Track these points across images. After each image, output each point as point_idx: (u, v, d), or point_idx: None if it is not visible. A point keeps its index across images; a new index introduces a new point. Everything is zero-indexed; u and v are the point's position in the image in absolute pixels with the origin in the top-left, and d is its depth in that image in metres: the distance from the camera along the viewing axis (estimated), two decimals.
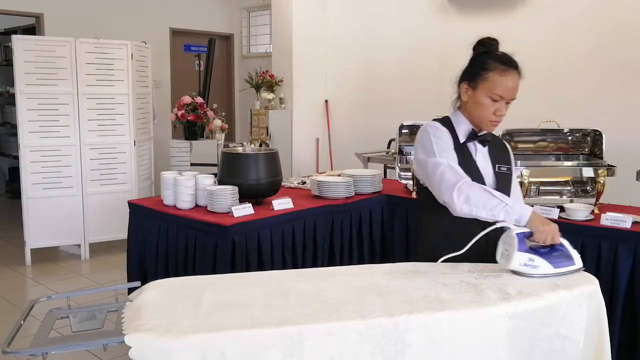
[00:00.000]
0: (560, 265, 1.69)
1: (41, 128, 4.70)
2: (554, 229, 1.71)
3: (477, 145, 1.97)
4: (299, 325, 1.35)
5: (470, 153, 1.96)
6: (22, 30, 7.01)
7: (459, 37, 5.63)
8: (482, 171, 1.95)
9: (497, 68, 1.88)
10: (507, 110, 1.91)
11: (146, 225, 3.14)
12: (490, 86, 1.87)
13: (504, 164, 2.02)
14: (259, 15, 8.01)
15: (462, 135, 1.96)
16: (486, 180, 1.94)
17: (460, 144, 1.94)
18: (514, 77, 1.88)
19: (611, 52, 4.71)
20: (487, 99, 1.88)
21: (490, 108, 1.88)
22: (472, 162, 1.94)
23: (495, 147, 2.04)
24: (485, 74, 1.88)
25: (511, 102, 1.90)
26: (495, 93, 1.86)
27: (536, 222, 1.72)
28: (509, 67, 1.88)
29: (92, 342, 1.40)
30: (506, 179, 2.01)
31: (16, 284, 4.43)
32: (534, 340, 1.51)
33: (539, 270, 1.68)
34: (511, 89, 1.87)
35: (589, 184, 3.20)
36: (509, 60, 1.91)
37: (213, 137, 5.74)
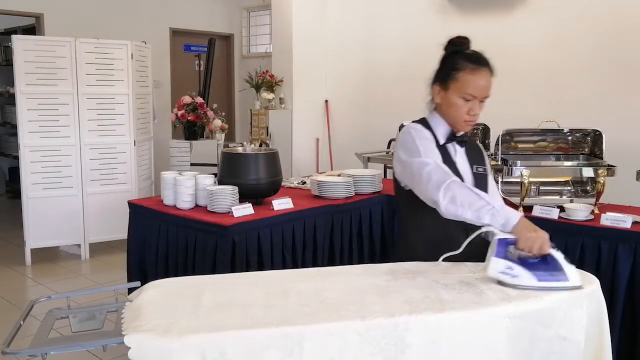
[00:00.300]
0: (546, 279, 1.54)
1: (41, 128, 4.71)
2: (541, 237, 1.58)
3: (455, 146, 1.97)
4: (299, 326, 1.35)
5: (450, 154, 1.95)
6: (22, 30, 7.01)
7: None
8: (462, 172, 1.94)
9: (467, 67, 1.86)
10: (481, 109, 1.89)
11: (146, 225, 3.14)
12: (461, 86, 1.85)
13: (480, 164, 2.01)
14: (259, 15, 8.01)
15: (441, 137, 1.94)
16: (466, 181, 1.93)
17: (440, 146, 1.93)
18: (485, 75, 1.86)
19: (611, 52, 4.70)
20: (460, 99, 1.86)
21: (464, 108, 1.87)
22: (452, 164, 1.92)
23: (471, 148, 2.04)
24: (456, 74, 1.86)
25: (485, 100, 1.88)
26: (467, 92, 1.85)
27: (522, 228, 1.61)
28: (479, 65, 1.86)
29: (92, 343, 1.40)
30: (483, 179, 2.00)
31: (16, 284, 4.43)
32: (533, 341, 1.50)
33: (519, 280, 1.56)
34: (483, 87, 1.85)
35: (589, 184, 3.20)
36: (479, 59, 1.89)
37: (213, 137, 5.74)
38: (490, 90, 1.87)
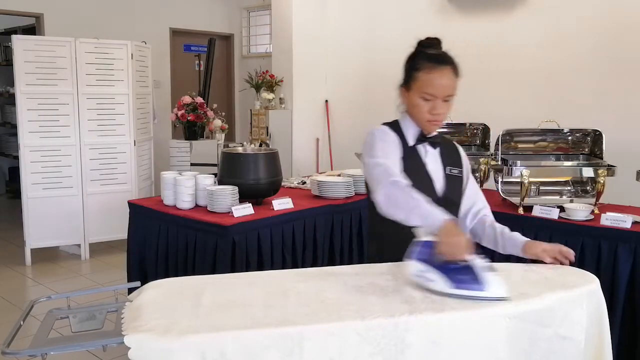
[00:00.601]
0: (461, 287, 1.48)
1: (41, 128, 4.71)
2: (458, 244, 1.52)
3: (427, 147, 1.93)
4: (299, 326, 1.35)
5: (420, 156, 1.92)
6: (22, 30, 7.01)
7: (459, 37, 5.62)
8: (433, 174, 1.92)
9: (425, 67, 1.83)
10: (446, 109, 1.85)
11: (146, 225, 3.14)
12: (420, 86, 1.83)
13: (455, 166, 1.98)
14: (259, 15, 8.01)
15: (410, 138, 1.92)
16: (436, 183, 1.91)
17: (410, 147, 1.91)
18: (444, 73, 1.81)
19: (611, 52, 4.70)
20: (420, 99, 1.84)
21: (425, 108, 1.84)
22: (421, 165, 1.91)
23: (446, 149, 2.00)
24: (416, 74, 1.84)
25: (450, 99, 1.84)
26: (426, 92, 1.82)
27: (442, 232, 1.56)
28: (437, 64, 1.83)
29: (92, 343, 1.40)
30: (457, 181, 1.97)
31: (16, 284, 4.43)
32: (533, 341, 1.50)
33: (433, 285, 1.52)
34: (441, 86, 1.81)
35: (589, 184, 3.20)
36: (438, 57, 1.85)
37: (213, 137, 5.74)
38: (452, 89, 1.82)
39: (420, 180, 1.86)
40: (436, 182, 1.91)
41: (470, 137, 3.70)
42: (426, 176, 1.90)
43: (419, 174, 1.88)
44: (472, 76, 5.80)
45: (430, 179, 1.90)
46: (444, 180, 1.93)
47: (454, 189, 1.95)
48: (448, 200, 1.90)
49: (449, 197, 1.92)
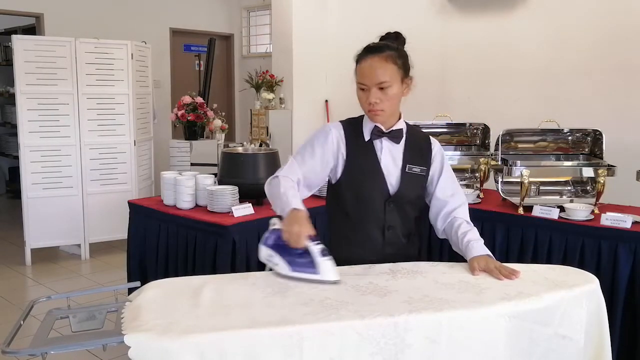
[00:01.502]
0: (298, 270, 1.64)
1: (41, 128, 4.71)
2: (297, 232, 1.61)
3: (384, 142, 1.91)
4: (299, 325, 1.35)
5: (375, 151, 1.90)
6: (22, 30, 7.01)
7: (459, 37, 5.63)
8: (386, 169, 1.89)
9: (359, 58, 1.85)
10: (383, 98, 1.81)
11: (146, 225, 3.14)
12: (357, 77, 1.86)
13: (419, 164, 1.93)
14: (259, 15, 8.01)
15: (367, 133, 1.91)
16: (389, 179, 1.89)
17: (366, 142, 1.90)
18: (371, 61, 1.81)
19: (611, 52, 4.70)
20: (359, 90, 1.86)
21: (363, 98, 1.85)
22: (374, 161, 1.89)
23: (413, 146, 1.95)
24: (355, 67, 1.86)
25: (385, 87, 1.81)
26: (359, 82, 1.84)
27: (286, 221, 1.66)
28: (366, 53, 1.84)
29: (92, 342, 1.40)
30: (416, 179, 1.93)
31: (16, 284, 4.43)
32: (533, 340, 1.51)
33: (278, 268, 1.68)
34: (367, 74, 1.81)
35: (589, 184, 3.20)
36: (370, 47, 1.85)
37: (213, 137, 5.74)
38: (384, 76, 1.80)
39: (372, 176, 1.88)
40: (390, 179, 1.89)
41: (470, 137, 3.70)
42: (378, 173, 1.89)
43: (371, 170, 1.88)
44: (472, 76, 5.85)
45: (382, 176, 1.89)
46: (399, 178, 1.90)
47: (411, 187, 1.91)
48: (401, 198, 1.89)
49: (404, 195, 1.90)
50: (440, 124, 3.70)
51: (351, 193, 1.90)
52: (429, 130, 3.68)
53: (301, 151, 1.92)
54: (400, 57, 1.85)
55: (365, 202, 1.89)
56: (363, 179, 1.88)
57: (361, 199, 1.89)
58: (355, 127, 1.94)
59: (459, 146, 3.71)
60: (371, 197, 1.89)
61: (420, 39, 5.99)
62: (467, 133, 3.71)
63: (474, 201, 3.23)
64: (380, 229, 1.90)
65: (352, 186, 1.90)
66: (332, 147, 1.89)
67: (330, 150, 1.89)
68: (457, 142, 3.72)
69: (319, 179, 1.93)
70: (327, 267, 1.62)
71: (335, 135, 1.91)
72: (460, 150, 3.69)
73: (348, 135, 1.91)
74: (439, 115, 3.71)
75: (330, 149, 1.89)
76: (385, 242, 1.90)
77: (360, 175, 1.88)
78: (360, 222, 1.91)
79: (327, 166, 1.90)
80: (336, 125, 1.94)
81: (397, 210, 1.90)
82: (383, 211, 1.89)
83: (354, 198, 1.90)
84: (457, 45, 5.59)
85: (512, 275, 1.68)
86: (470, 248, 1.82)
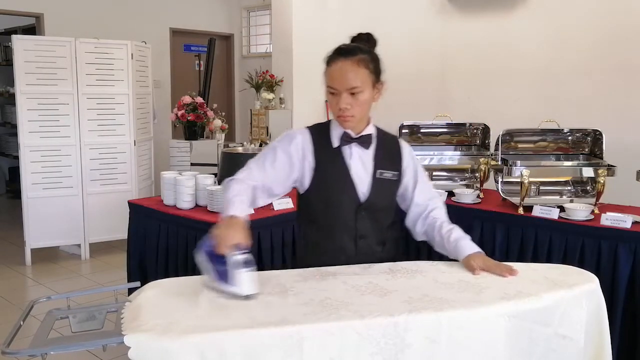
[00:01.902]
0: (219, 280, 1.53)
1: (41, 128, 4.71)
2: (223, 238, 1.51)
3: (354, 148, 1.83)
4: (299, 325, 1.35)
5: (343, 157, 1.82)
6: (22, 30, 7.01)
7: (459, 37, 5.63)
8: (356, 176, 1.81)
9: (329, 60, 1.77)
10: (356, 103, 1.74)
11: (146, 225, 3.14)
12: (326, 80, 1.78)
13: (390, 169, 1.86)
14: (259, 15, 8.01)
15: (335, 139, 1.83)
16: (360, 186, 1.81)
17: (334, 149, 1.82)
18: (340, 64, 1.73)
19: (611, 52, 4.70)
20: (329, 94, 1.77)
21: (333, 103, 1.77)
22: (343, 168, 1.81)
23: (384, 151, 1.88)
24: (325, 70, 1.79)
25: (356, 92, 1.73)
26: (329, 85, 1.76)
27: (216, 226, 1.56)
28: (337, 55, 1.76)
29: (92, 343, 1.40)
30: (388, 185, 1.86)
31: (16, 284, 4.43)
32: (533, 340, 1.51)
33: (207, 277, 1.57)
34: (337, 78, 1.73)
35: (589, 184, 3.20)
36: (341, 49, 1.77)
37: (213, 137, 5.74)
38: (355, 81, 1.72)
39: (342, 184, 1.80)
40: (360, 186, 1.81)
41: (470, 137, 3.70)
42: (348, 180, 1.81)
43: (341, 178, 1.81)
44: (472, 76, 5.85)
45: (352, 182, 1.81)
46: (370, 184, 1.82)
47: (383, 194, 1.85)
48: (373, 205, 1.82)
49: (375, 202, 1.83)
50: (440, 124, 3.70)
51: (320, 202, 1.82)
52: (429, 130, 3.70)
53: (263, 156, 1.83)
54: (373, 61, 1.78)
55: (335, 211, 1.81)
56: (332, 187, 1.80)
57: (331, 207, 1.81)
58: (322, 133, 1.85)
59: (459, 146, 3.71)
60: (341, 206, 1.81)
61: (420, 39, 6.02)
62: (467, 133, 3.71)
63: (473, 201, 3.23)
64: (352, 239, 1.82)
65: (321, 195, 1.82)
66: (297, 155, 1.80)
67: (294, 158, 1.80)
68: (457, 142, 3.72)
69: (280, 187, 1.84)
70: (242, 279, 1.49)
71: (301, 141, 1.82)
72: (460, 150, 3.69)
73: (315, 141, 1.83)
74: (439, 115, 3.71)
75: (294, 156, 1.80)
76: (358, 251, 1.83)
77: (329, 183, 1.80)
78: (331, 232, 1.83)
79: (290, 175, 1.81)
80: (302, 132, 1.85)
81: (369, 218, 1.83)
82: (354, 220, 1.81)
83: (324, 207, 1.82)
84: (457, 45, 5.58)
85: (511, 273, 1.67)
86: (461, 247, 1.79)
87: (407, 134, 3.66)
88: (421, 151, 3.49)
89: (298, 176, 1.82)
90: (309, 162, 1.81)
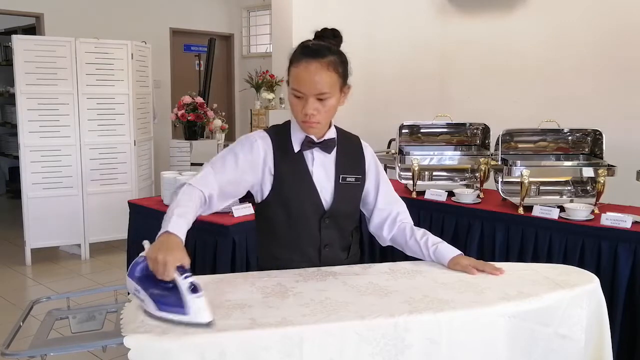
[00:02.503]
0: (166, 309, 1.32)
1: (41, 128, 4.71)
2: (162, 261, 1.31)
3: (315, 153, 1.72)
4: (298, 326, 1.35)
5: (305, 163, 1.72)
6: (22, 30, 7.01)
7: (459, 37, 5.63)
8: (319, 184, 1.72)
9: (295, 61, 1.62)
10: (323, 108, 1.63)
11: (146, 225, 3.13)
12: (291, 81, 1.63)
13: (353, 173, 1.76)
14: (259, 15, 8.01)
15: (297, 144, 1.72)
16: (323, 192, 1.72)
17: (295, 154, 1.71)
18: (311, 67, 1.59)
19: (611, 52, 4.70)
20: (292, 96, 1.64)
21: (298, 107, 1.63)
22: (306, 175, 1.71)
23: (346, 154, 1.78)
24: (290, 69, 1.64)
25: (326, 98, 1.62)
26: (293, 88, 1.62)
27: (152, 247, 1.38)
28: (305, 56, 1.60)
29: (91, 344, 1.40)
30: (353, 190, 1.77)
31: (16, 284, 4.43)
32: (533, 340, 1.50)
33: (145, 306, 1.37)
34: (308, 81, 1.59)
35: (589, 184, 3.20)
36: (309, 49, 1.62)
37: (213, 137, 5.74)
38: (324, 85, 1.60)
39: (305, 191, 1.70)
40: (323, 193, 1.72)
41: (470, 137, 3.70)
42: (311, 187, 1.71)
43: (303, 185, 1.70)
44: (472, 76, 5.85)
45: (315, 188, 1.71)
46: (332, 190, 1.73)
47: (347, 199, 1.76)
48: (338, 213, 1.74)
49: (340, 209, 1.74)
50: (440, 124, 3.70)
51: (282, 212, 1.71)
52: (429, 130, 3.70)
53: (221, 159, 1.69)
54: (342, 63, 1.66)
55: (297, 221, 1.71)
56: (294, 196, 1.69)
57: (293, 217, 1.71)
58: (282, 137, 1.72)
59: (459, 146, 3.71)
60: (304, 215, 1.71)
61: (420, 39, 6.02)
62: (467, 133, 3.70)
63: (473, 201, 3.23)
64: (316, 249, 1.74)
65: (282, 204, 1.70)
66: (258, 160, 1.68)
67: (255, 163, 1.68)
68: (457, 142, 3.72)
69: (238, 191, 1.71)
70: (198, 305, 1.31)
71: (262, 146, 1.70)
72: (460, 150, 3.69)
73: (276, 146, 1.70)
74: (439, 115, 3.71)
75: (255, 160, 1.68)
76: (322, 261, 1.75)
77: (291, 192, 1.69)
78: (293, 242, 1.74)
79: (249, 180, 1.69)
80: (262, 135, 1.72)
81: (334, 226, 1.75)
82: (318, 229, 1.73)
83: (285, 217, 1.71)
84: (457, 45, 5.58)
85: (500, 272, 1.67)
86: (443, 250, 1.75)
87: (407, 134, 3.66)
88: (421, 151, 3.49)
89: (257, 182, 1.71)
90: (269, 168, 1.69)
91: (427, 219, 3.28)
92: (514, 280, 1.65)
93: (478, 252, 3.07)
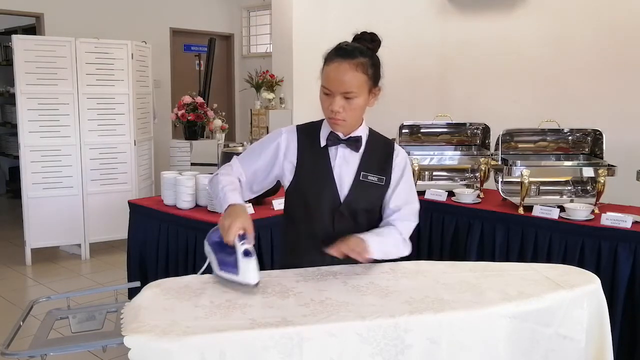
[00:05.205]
0: (224, 269, 1.58)
1: (41, 128, 4.70)
2: (227, 226, 1.55)
3: (339, 149, 1.80)
4: (299, 326, 1.35)
5: (328, 158, 1.80)
6: (22, 30, 7.00)
7: (459, 37, 5.63)
8: (338, 177, 1.79)
9: (328, 60, 1.72)
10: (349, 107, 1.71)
11: (146, 225, 3.14)
12: (322, 79, 1.73)
13: (377, 173, 1.81)
14: (259, 15, 8.01)
15: (323, 139, 1.81)
16: (341, 187, 1.78)
17: (321, 148, 1.80)
18: (338, 66, 1.68)
19: (611, 52, 4.70)
20: (322, 93, 1.74)
21: (326, 103, 1.73)
22: (325, 167, 1.79)
23: (372, 154, 1.83)
24: (323, 68, 1.74)
25: (351, 97, 1.70)
26: (323, 85, 1.72)
27: (222, 217, 1.60)
28: (335, 56, 1.70)
29: (91, 344, 1.39)
30: (371, 188, 1.80)
31: (16, 284, 4.43)
32: (534, 341, 1.50)
33: (213, 266, 1.63)
34: (333, 80, 1.68)
35: (589, 183, 3.20)
36: (341, 50, 1.71)
37: (213, 137, 5.74)
38: (351, 85, 1.68)
39: (323, 183, 1.78)
40: (341, 187, 1.79)
41: (470, 137, 3.70)
42: (329, 179, 1.78)
43: (322, 176, 1.79)
44: (472, 76, 5.84)
45: (334, 183, 1.78)
46: (351, 186, 1.79)
47: (363, 196, 1.80)
48: (352, 207, 1.79)
49: (354, 204, 1.79)
50: (440, 124, 3.70)
51: (299, 200, 1.82)
52: (429, 130, 3.70)
53: (248, 152, 1.88)
54: (372, 66, 1.73)
55: (313, 210, 1.79)
56: (311, 186, 1.79)
57: (308, 206, 1.80)
58: (311, 132, 1.83)
59: (459, 146, 3.71)
60: (319, 205, 1.78)
61: (420, 39, 6.01)
62: (467, 133, 3.71)
63: (474, 201, 3.23)
64: (329, 239, 1.74)
65: (300, 193, 1.81)
66: (279, 153, 1.81)
67: (276, 155, 1.81)
68: (457, 142, 3.72)
69: (263, 183, 1.86)
70: (246, 267, 1.53)
71: (285, 140, 1.82)
72: (460, 150, 3.69)
73: (301, 140, 1.82)
74: (439, 115, 3.71)
75: (277, 153, 1.81)
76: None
77: (309, 182, 1.79)
78: (307, 230, 1.81)
79: (272, 172, 1.83)
80: (290, 130, 1.85)
81: (349, 221, 1.79)
82: (331, 220, 1.78)
83: (302, 206, 1.81)
84: (457, 45, 5.58)
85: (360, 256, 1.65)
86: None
87: (407, 134, 3.66)
88: (421, 151, 3.50)
89: (279, 173, 1.84)
90: (290, 162, 1.81)
91: (428, 219, 3.28)
92: (514, 280, 1.65)
93: (478, 252, 3.07)
